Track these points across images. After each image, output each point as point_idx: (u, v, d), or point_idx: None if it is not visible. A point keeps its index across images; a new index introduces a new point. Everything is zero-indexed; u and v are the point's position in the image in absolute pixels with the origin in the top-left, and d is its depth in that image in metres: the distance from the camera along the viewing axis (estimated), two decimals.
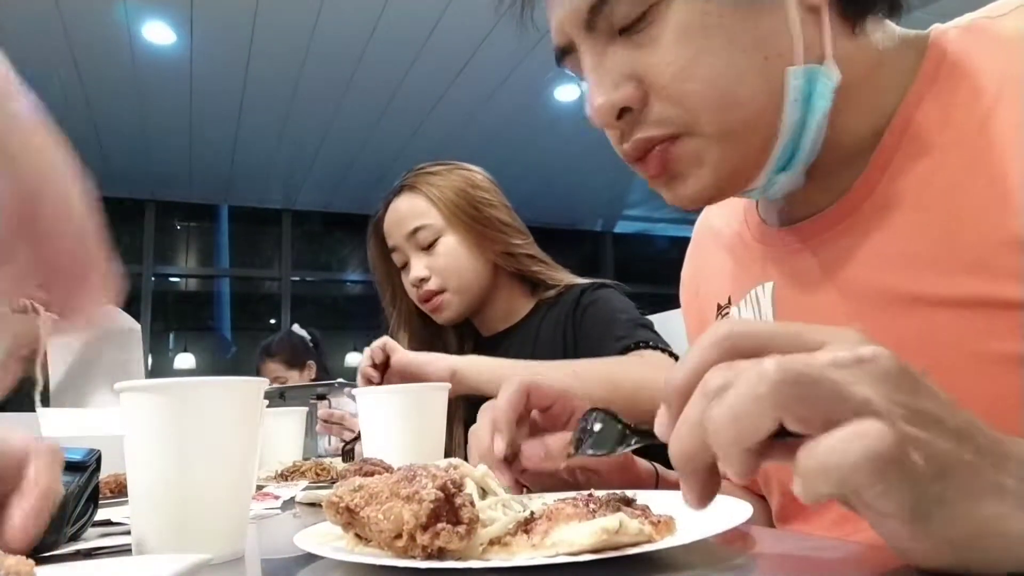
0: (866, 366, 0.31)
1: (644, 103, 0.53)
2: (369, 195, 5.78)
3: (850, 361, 0.31)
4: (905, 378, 0.31)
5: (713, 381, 0.32)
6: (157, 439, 0.48)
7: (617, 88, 0.53)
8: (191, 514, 0.48)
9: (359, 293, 7.26)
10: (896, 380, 0.31)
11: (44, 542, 0.55)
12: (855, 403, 0.29)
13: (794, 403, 0.30)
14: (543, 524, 0.40)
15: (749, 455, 0.31)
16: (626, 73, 0.53)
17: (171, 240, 6.54)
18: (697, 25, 0.50)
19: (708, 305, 0.74)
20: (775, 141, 0.53)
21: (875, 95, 0.55)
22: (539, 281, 1.30)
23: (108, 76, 4.02)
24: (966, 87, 0.52)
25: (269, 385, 1.86)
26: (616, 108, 0.53)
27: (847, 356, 0.31)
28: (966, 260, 0.49)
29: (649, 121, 0.53)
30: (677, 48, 0.51)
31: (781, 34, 0.50)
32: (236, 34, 3.69)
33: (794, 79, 0.50)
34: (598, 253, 7.38)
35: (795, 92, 0.51)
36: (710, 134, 0.52)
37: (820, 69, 0.51)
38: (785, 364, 0.30)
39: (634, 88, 0.53)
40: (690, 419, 0.33)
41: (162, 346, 6.67)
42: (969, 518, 0.31)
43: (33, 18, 3.43)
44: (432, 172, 1.30)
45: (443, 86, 4.33)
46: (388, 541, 0.39)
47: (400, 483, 0.40)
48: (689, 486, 0.34)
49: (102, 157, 5.06)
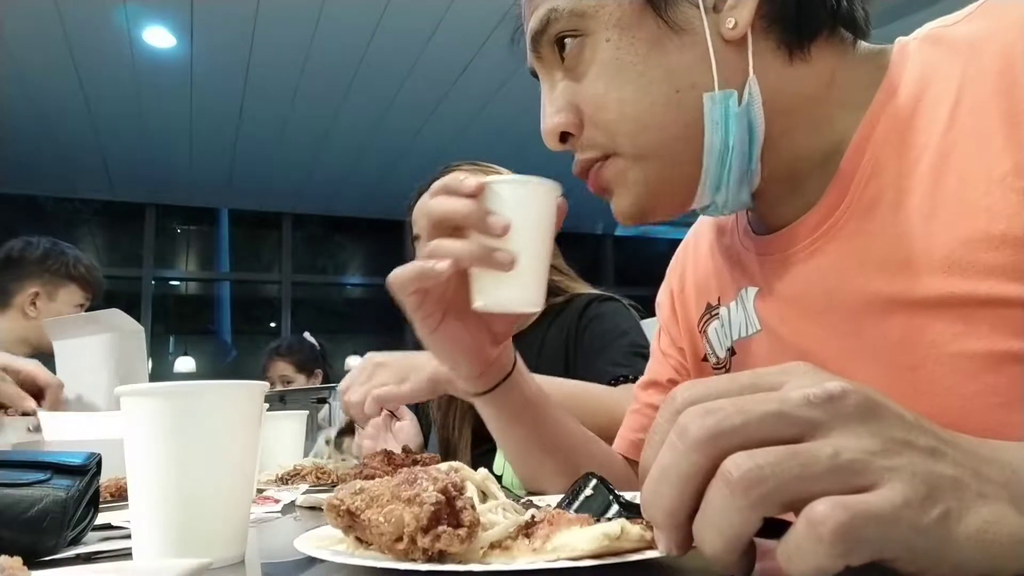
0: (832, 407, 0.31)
1: (581, 129, 0.59)
2: (369, 199, 5.80)
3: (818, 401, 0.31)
4: (870, 409, 0.32)
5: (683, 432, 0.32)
6: (157, 443, 0.48)
7: (559, 113, 0.60)
8: (191, 518, 0.48)
9: (360, 297, 7.26)
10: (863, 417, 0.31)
11: (44, 546, 0.55)
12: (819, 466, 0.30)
13: (769, 502, 0.30)
14: (544, 528, 0.40)
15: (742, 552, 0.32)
16: (568, 101, 0.60)
17: (171, 243, 6.54)
18: (610, 62, 0.56)
19: (695, 301, 0.76)
20: (700, 163, 0.56)
21: (830, 111, 0.57)
22: (552, 288, 1.30)
23: (109, 80, 4.03)
24: (929, 94, 0.53)
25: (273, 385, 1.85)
26: (557, 132, 0.60)
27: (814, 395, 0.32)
28: (939, 260, 0.50)
29: (584, 145, 0.60)
30: (596, 82, 0.57)
31: (695, 67, 0.55)
32: (236, 38, 3.70)
33: (709, 104, 0.54)
34: (598, 256, 7.39)
35: (712, 116, 0.54)
36: (630, 155, 0.58)
37: (732, 93, 0.54)
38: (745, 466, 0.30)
39: (572, 115, 0.59)
40: (664, 474, 0.33)
41: (162, 350, 6.67)
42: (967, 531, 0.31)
43: (34, 22, 3.43)
44: (467, 170, 1.28)
45: (443, 90, 4.33)
46: (389, 544, 0.39)
47: (401, 486, 0.40)
48: (669, 537, 0.34)
49: (103, 160, 5.07)
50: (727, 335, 0.69)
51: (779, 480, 0.30)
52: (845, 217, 0.56)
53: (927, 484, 0.30)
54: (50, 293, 1.76)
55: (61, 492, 0.56)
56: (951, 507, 0.31)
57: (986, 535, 0.31)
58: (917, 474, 0.31)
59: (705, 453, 0.31)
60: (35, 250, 1.79)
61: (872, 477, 0.30)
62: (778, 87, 0.55)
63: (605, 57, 0.56)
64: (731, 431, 0.31)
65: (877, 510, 0.29)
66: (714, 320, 0.72)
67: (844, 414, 0.31)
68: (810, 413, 0.31)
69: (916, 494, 0.30)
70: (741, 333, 0.67)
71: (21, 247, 1.78)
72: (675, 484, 0.32)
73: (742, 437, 0.31)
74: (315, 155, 5.19)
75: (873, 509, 0.29)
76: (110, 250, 6.36)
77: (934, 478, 0.31)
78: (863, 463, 0.30)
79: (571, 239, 7.99)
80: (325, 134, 4.86)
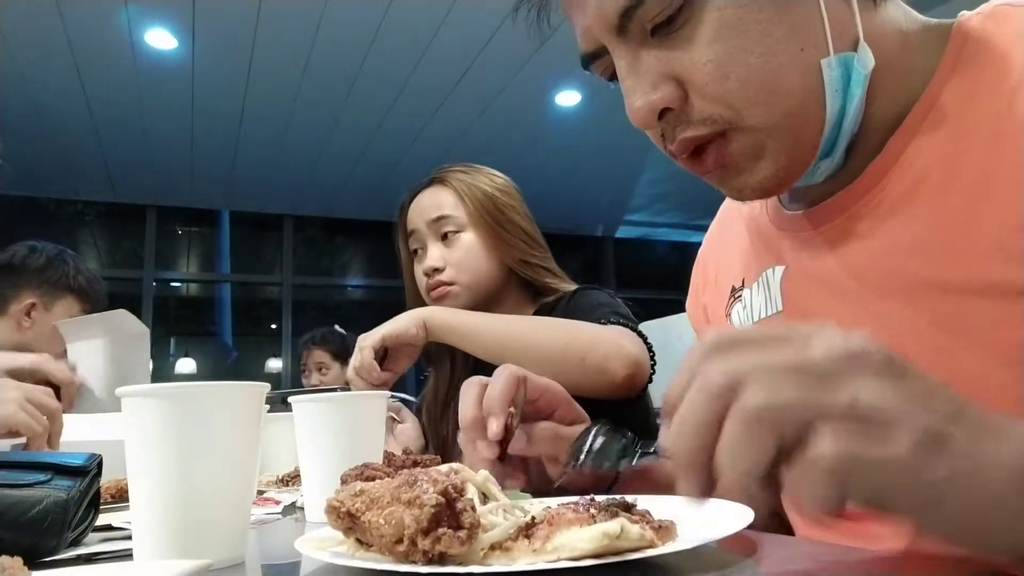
0: (856, 362, 0.32)
1: (684, 102, 0.53)
2: (370, 201, 5.80)
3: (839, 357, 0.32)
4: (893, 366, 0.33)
5: (707, 377, 0.34)
6: (158, 444, 0.48)
7: (656, 89, 0.53)
8: (192, 519, 0.48)
9: (361, 298, 7.26)
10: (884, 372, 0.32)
11: (45, 547, 0.55)
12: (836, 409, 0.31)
13: (777, 429, 0.31)
14: (544, 529, 0.40)
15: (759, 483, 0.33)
16: (664, 73, 0.53)
17: (172, 245, 6.54)
18: (731, 21, 0.50)
19: (723, 287, 0.73)
20: (822, 130, 0.52)
21: (902, 78, 0.55)
22: (545, 289, 1.31)
23: (110, 82, 4.03)
24: (989, 71, 0.51)
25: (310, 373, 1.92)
26: (657, 109, 0.53)
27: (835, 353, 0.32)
28: (984, 245, 0.48)
29: (693, 120, 0.53)
30: (713, 46, 0.50)
31: (814, 23, 0.51)
32: (238, 40, 3.70)
33: (829, 69, 0.51)
34: (599, 258, 7.38)
35: (833, 83, 0.51)
36: (758, 128, 0.52)
37: (854, 56, 0.51)
38: (763, 393, 0.32)
39: (674, 88, 0.52)
40: (687, 419, 0.34)
41: (163, 351, 6.67)
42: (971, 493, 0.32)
43: (36, 24, 3.44)
44: (463, 171, 1.32)
45: (444, 92, 4.33)
46: (389, 546, 0.39)
47: (401, 488, 0.40)
48: (690, 482, 0.35)
49: (104, 162, 5.07)
50: (748, 316, 0.67)
51: (795, 412, 0.31)
52: (884, 195, 0.54)
53: (938, 442, 0.31)
54: (47, 304, 1.73)
55: (62, 493, 0.56)
56: (958, 467, 0.31)
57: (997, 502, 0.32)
58: (930, 431, 0.31)
59: (725, 399, 0.33)
60: (38, 258, 1.76)
61: (885, 425, 0.31)
62: (870, 44, 0.52)
63: (726, 16, 0.50)
64: (771, 407, 0.32)
65: (879, 454, 0.31)
66: (737, 303, 0.70)
67: (866, 368, 0.32)
68: (831, 365, 0.32)
69: (925, 449, 0.31)
70: (762, 314, 0.65)
71: (24, 254, 1.75)
72: (696, 428, 0.34)
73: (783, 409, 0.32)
74: (316, 157, 5.20)
75: (875, 452, 0.31)
76: (111, 252, 6.36)
77: (945, 437, 0.32)
78: (880, 411, 0.31)
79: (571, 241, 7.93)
80: (326, 136, 4.86)
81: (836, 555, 0.46)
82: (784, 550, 0.48)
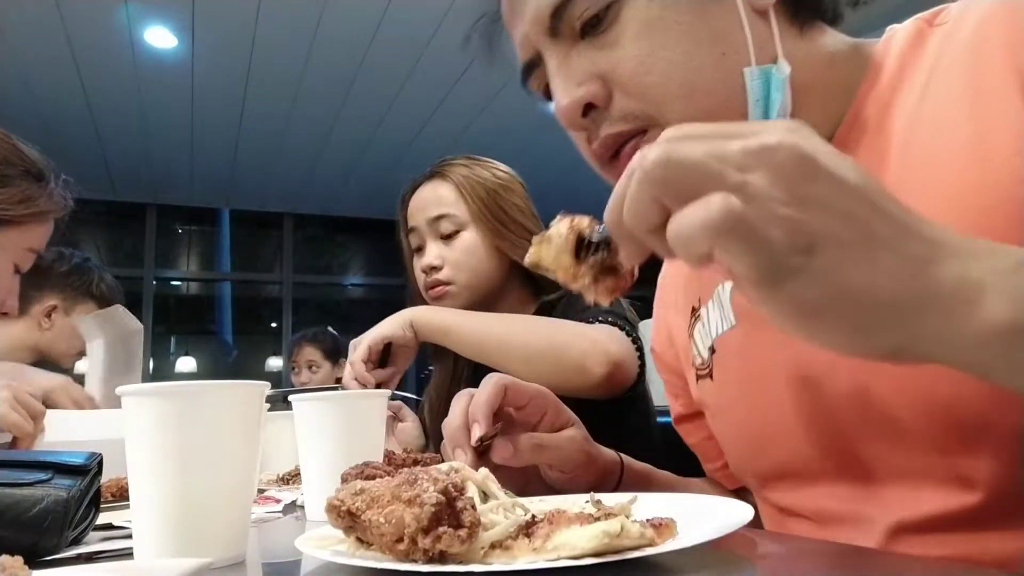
0: (764, 155, 0.33)
1: (608, 100, 0.55)
2: (371, 199, 5.80)
3: (753, 149, 0.33)
4: (801, 166, 0.33)
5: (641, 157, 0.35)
6: (159, 443, 0.48)
7: (581, 86, 0.55)
8: (192, 518, 0.48)
9: (361, 297, 7.26)
10: (789, 169, 0.33)
11: (45, 546, 0.55)
12: (724, 185, 0.32)
13: (667, 186, 0.34)
14: (544, 528, 0.40)
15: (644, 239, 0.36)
16: (590, 72, 0.55)
17: (172, 244, 6.55)
18: (655, 21, 0.53)
19: (683, 309, 0.74)
20: None
21: (829, 95, 0.57)
22: (548, 287, 1.29)
23: (110, 80, 4.03)
24: (904, 83, 0.54)
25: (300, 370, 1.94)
26: (581, 104, 0.55)
27: (750, 145, 0.33)
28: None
29: (614, 117, 0.55)
30: (637, 43, 0.53)
31: (736, 33, 0.53)
32: (237, 38, 3.70)
33: (751, 80, 0.53)
34: None
35: (754, 92, 0.53)
36: (677, 123, 0.53)
37: (773, 67, 0.53)
38: (664, 149, 0.34)
39: (599, 86, 0.54)
40: (615, 193, 0.37)
41: (163, 350, 6.68)
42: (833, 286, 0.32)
43: (35, 22, 3.44)
44: (466, 165, 1.29)
45: (444, 90, 4.33)
46: (389, 545, 0.39)
47: (402, 487, 0.40)
48: (623, 250, 0.39)
49: (104, 160, 5.07)
50: (708, 334, 0.69)
51: (683, 171, 0.33)
52: None
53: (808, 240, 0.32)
54: (67, 308, 1.80)
55: (62, 492, 0.56)
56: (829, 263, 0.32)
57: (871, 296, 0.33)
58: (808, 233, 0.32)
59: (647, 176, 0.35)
60: (64, 264, 1.83)
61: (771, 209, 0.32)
62: (794, 61, 0.54)
63: (650, 16, 0.53)
64: (668, 162, 0.34)
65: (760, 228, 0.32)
66: (698, 322, 0.71)
67: (769, 163, 0.33)
68: (740, 158, 0.33)
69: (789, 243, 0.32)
70: (719, 330, 0.66)
71: (52, 258, 1.81)
72: (616, 199, 0.37)
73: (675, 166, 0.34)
74: (316, 155, 5.20)
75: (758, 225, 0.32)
76: (111, 250, 6.36)
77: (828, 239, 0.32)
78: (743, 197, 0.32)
79: None
80: (326, 134, 4.86)
81: (835, 554, 0.46)
82: (784, 549, 0.48)
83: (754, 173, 0.32)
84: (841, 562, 0.43)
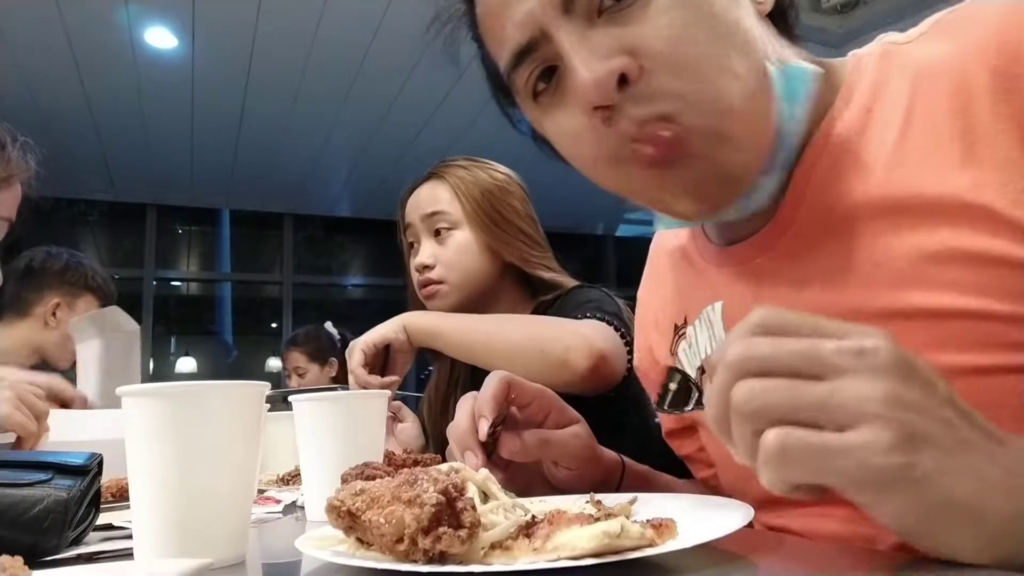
0: (864, 357, 0.34)
1: (639, 75, 0.49)
2: (371, 199, 5.80)
3: (851, 350, 0.34)
4: (902, 369, 0.34)
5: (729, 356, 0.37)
6: (159, 443, 0.48)
7: (609, 58, 0.49)
8: (193, 518, 0.48)
9: (361, 297, 7.26)
10: (885, 370, 0.33)
11: (45, 546, 0.55)
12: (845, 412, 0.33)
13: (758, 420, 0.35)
14: (544, 528, 0.40)
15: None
16: (615, 47, 0.50)
17: (173, 244, 6.54)
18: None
19: (665, 327, 0.73)
20: (769, 134, 0.52)
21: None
22: (544, 287, 1.29)
23: (110, 80, 4.03)
24: (880, 108, 0.54)
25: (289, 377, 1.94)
26: (615, 75, 0.49)
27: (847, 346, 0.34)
28: (897, 273, 0.50)
29: (644, 95, 0.50)
30: (670, 15, 0.49)
31: (751, 26, 0.52)
32: (238, 39, 3.70)
33: (777, 73, 0.51)
34: (599, 256, 7.38)
35: (781, 89, 0.52)
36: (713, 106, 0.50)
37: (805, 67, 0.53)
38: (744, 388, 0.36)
39: (629, 59, 0.49)
40: (713, 391, 0.38)
41: (163, 350, 6.67)
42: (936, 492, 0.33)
43: (35, 22, 3.44)
44: (464, 167, 1.28)
45: (444, 90, 4.33)
46: (390, 545, 0.39)
47: (402, 487, 0.40)
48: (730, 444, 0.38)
49: (104, 161, 5.07)
50: (695, 354, 0.67)
51: (765, 402, 0.34)
52: (799, 231, 0.56)
53: (904, 436, 0.32)
54: (70, 304, 1.83)
55: (63, 492, 0.56)
56: (918, 463, 0.32)
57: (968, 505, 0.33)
58: (903, 426, 0.32)
59: (736, 376, 0.36)
60: (56, 262, 1.85)
61: (851, 419, 0.33)
62: None
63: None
64: (760, 359, 0.35)
65: (821, 443, 0.33)
66: (682, 341, 0.70)
67: (869, 366, 0.33)
68: (835, 359, 0.34)
69: (882, 440, 0.32)
70: (708, 350, 0.65)
71: (43, 258, 1.85)
72: (717, 399, 0.37)
73: (769, 366, 0.35)
74: (316, 156, 5.20)
75: (816, 441, 0.33)
76: (111, 251, 6.36)
77: (919, 436, 0.33)
78: (851, 406, 0.33)
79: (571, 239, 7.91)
80: (327, 135, 4.86)
81: (835, 554, 0.46)
82: (783, 549, 0.48)
83: (849, 379, 0.34)
84: (841, 562, 0.43)
